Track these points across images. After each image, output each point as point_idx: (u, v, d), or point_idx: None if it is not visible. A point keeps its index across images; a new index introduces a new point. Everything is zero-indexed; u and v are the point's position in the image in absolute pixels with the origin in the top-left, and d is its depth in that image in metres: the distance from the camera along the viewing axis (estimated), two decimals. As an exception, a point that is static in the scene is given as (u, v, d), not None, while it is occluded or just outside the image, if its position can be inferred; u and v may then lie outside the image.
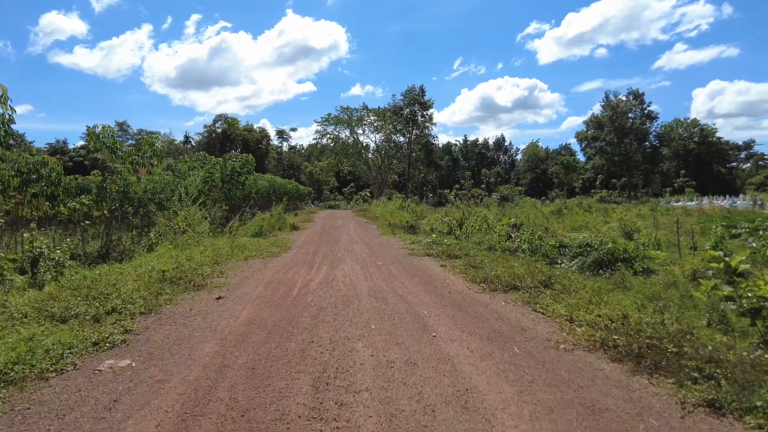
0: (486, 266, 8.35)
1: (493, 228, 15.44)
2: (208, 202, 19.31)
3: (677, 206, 41.45)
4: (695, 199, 54.10)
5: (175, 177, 17.84)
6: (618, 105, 64.69)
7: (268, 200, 27.37)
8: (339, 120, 55.58)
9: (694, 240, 12.74)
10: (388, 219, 22.96)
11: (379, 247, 12.76)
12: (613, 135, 64.02)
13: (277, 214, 20.82)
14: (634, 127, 64.41)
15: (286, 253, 11.71)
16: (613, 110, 64.46)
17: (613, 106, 64.90)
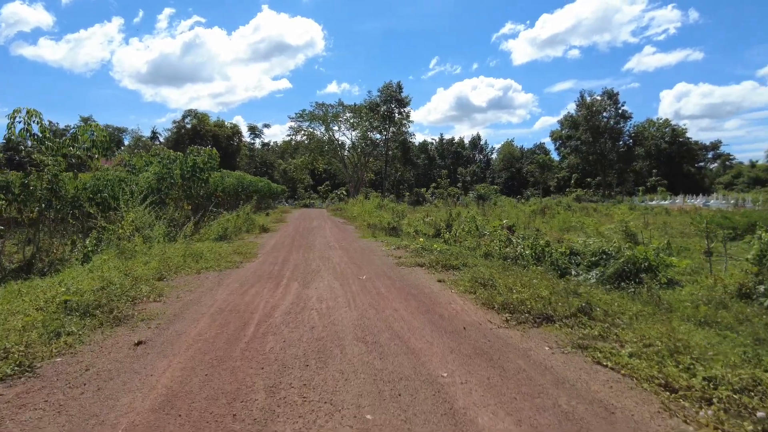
0: (498, 283, 6.54)
1: (483, 230, 13.75)
2: (169, 202, 17.14)
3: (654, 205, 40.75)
4: (668, 198, 53.90)
5: (129, 174, 15.62)
6: (593, 104, 64.21)
7: (236, 199, 25.11)
8: (314, 116, 53.31)
9: (710, 245, 11.25)
10: (367, 219, 21.05)
11: (360, 255, 10.85)
12: (588, 134, 63.51)
13: (244, 214, 18.67)
14: (609, 127, 64.05)
15: (249, 263, 9.68)
16: (588, 109, 63.95)
17: (588, 106, 64.39)
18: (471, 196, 50.97)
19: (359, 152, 55.75)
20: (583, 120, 64.23)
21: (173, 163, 16.36)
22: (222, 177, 23.18)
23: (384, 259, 9.97)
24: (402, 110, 52.71)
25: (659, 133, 68.62)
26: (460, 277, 7.58)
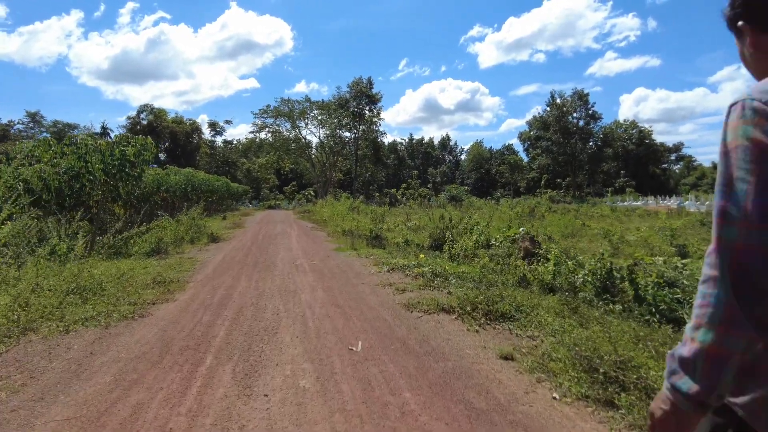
0: (628, 377, 3.15)
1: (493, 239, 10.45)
2: (92, 205, 13.17)
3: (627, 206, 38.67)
4: (639, 200, 52.44)
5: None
6: (563, 105, 62.49)
7: (186, 200, 21.05)
8: (279, 112, 49.05)
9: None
10: (341, 224, 17.47)
11: (342, 284, 7.26)
12: (559, 135, 61.72)
13: (189, 219, 14.76)
14: (579, 127, 62.49)
15: (167, 305, 5.98)
16: (559, 110, 62.19)
17: (559, 106, 62.66)
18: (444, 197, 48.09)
19: (327, 151, 51.87)
20: (554, 120, 62.43)
21: (90, 155, 12.36)
22: (167, 174, 19.13)
23: (380, 294, 6.44)
24: (373, 107, 49.17)
25: (626, 135, 67.68)
26: (534, 346, 4.13)
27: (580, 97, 62.65)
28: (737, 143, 0.92)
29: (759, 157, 0.88)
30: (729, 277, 0.87)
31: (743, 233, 0.87)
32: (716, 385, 0.89)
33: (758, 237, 0.85)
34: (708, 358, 0.89)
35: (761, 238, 0.85)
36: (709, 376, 0.89)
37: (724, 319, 0.87)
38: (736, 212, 0.89)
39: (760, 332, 0.86)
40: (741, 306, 0.86)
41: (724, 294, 0.88)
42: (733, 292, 0.86)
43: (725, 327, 0.87)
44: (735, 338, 0.87)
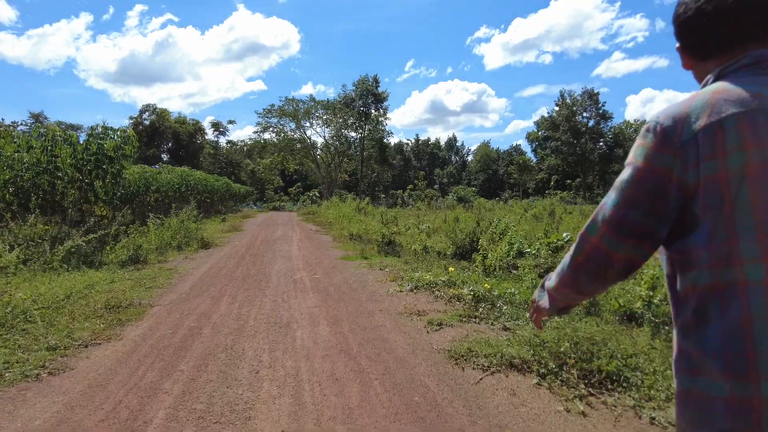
0: None
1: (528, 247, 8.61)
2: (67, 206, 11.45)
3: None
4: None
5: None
6: (573, 104, 60.40)
7: (183, 202, 19.23)
8: (284, 112, 47.20)
9: None
10: (347, 227, 15.60)
11: (355, 314, 5.32)
12: (569, 135, 59.62)
13: (178, 223, 12.94)
14: (589, 127, 60.38)
15: (106, 346, 4.12)
16: (569, 109, 60.11)
17: (569, 106, 60.57)
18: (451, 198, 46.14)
19: (333, 151, 50.00)
20: (564, 120, 60.34)
21: (63, 149, 10.57)
22: (159, 172, 17.35)
23: (409, 331, 4.52)
24: (379, 106, 47.27)
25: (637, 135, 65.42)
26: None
27: (590, 96, 60.47)
28: (632, 160, 1.02)
29: (637, 178, 0.99)
30: (576, 257, 1.10)
31: (600, 233, 1.03)
32: (552, 310, 1.28)
33: (608, 240, 1.02)
34: (549, 294, 1.27)
35: (610, 242, 1.02)
36: (550, 305, 1.28)
37: (560, 280, 1.18)
38: (604, 215, 1.03)
39: (579, 295, 1.19)
40: (574, 276, 1.12)
41: (567, 266, 1.14)
42: (574, 269, 1.12)
43: (560, 285, 1.19)
44: (562, 292, 1.21)
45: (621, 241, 1.00)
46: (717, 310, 0.90)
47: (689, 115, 0.95)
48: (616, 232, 1.00)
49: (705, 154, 0.91)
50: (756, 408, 0.85)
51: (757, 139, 0.88)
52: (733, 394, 0.88)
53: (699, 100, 0.96)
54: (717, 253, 0.90)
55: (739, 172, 0.88)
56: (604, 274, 1.06)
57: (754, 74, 0.97)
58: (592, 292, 1.16)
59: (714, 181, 0.90)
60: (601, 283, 1.10)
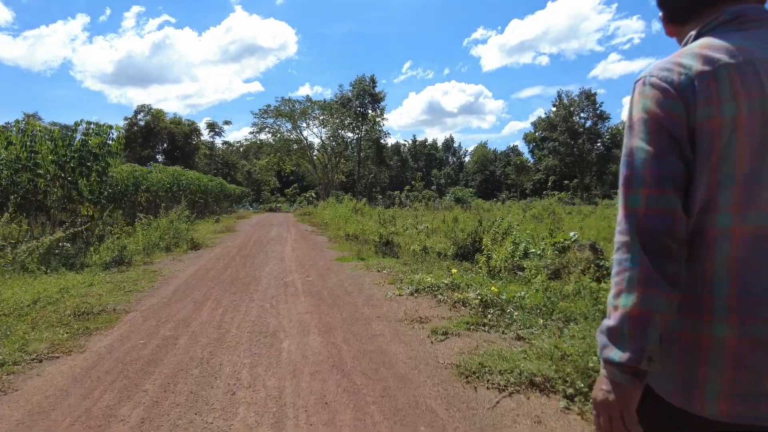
0: None
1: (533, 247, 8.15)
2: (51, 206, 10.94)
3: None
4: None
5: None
6: (571, 104, 60.06)
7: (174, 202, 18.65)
8: (280, 112, 46.59)
9: None
10: (343, 227, 15.07)
11: (349, 321, 4.80)
12: (567, 135, 59.26)
13: (166, 223, 12.38)
14: (587, 127, 60.05)
15: (65, 360, 3.59)
16: (567, 110, 59.78)
17: (566, 106, 60.24)
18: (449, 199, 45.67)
19: (329, 152, 49.43)
20: (561, 120, 59.98)
21: (43, 145, 10.02)
22: (149, 172, 16.78)
23: (410, 342, 3.99)
24: (376, 106, 46.74)
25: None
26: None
27: (587, 97, 60.09)
28: (638, 116, 0.95)
29: (654, 128, 0.93)
30: (638, 240, 0.90)
31: (644, 199, 0.91)
32: (645, 347, 0.87)
33: (656, 201, 0.90)
34: (632, 320, 0.88)
35: (659, 202, 0.90)
36: (637, 338, 0.87)
37: (641, 280, 0.88)
38: (637, 180, 0.92)
39: (674, 290, 0.88)
40: (654, 266, 0.88)
41: (638, 256, 0.89)
42: (646, 256, 0.88)
43: (643, 287, 0.88)
44: (654, 297, 0.87)
45: (668, 195, 0.91)
46: (688, 254, 0.91)
47: (682, 64, 0.94)
48: (660, 186, 0.91)
49: (701, 100, 0.90)
50: (704, 345, 0.89)
51: (746, 91, 0.89)
52: (685, 331, 0.91)
53: (688, 53, 0.96)
54: (698, 200, 0.91)
55: (731, 122, 0.88)
56: (678, 241, 0.90)
57: (734, 29, 0.98)
58: (679, 277, 0.90)
59: (708, 128, 0.90)
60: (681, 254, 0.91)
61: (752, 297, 0.87)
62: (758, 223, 0.88)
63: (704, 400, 0.89)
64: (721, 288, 0.88)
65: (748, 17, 0.98)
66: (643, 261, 0.88)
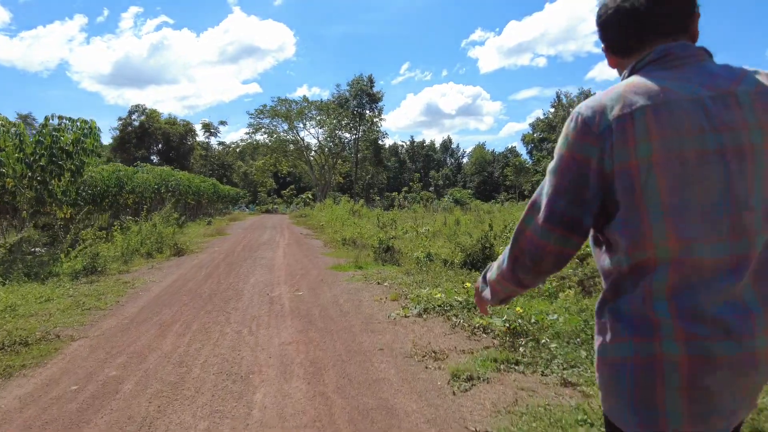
0: None
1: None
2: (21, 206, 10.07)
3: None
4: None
5: None
6: (570, 105, 59.33)
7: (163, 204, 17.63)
8: (276, 112, 45.60)
9: None
10: (340, 231, 14.10)
11: (345, 357, 3.82)
12: (566, 136, 58.55)
13: (149, 227, 11.38)
14: (586, 128, 59.36)
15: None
16: (566, 110, 59.05)
17: (565, 107, 59.52)
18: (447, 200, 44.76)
19: (326, 153, 48.41)
20: (560, 121, 59.22)
21: (8, 141, 9.01)
22: (134, 172, 15.77)
23: (425, 392, 2.98)
24: (374, 106, 45.78)
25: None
26: None
27: (586, 97, 59.33)
28: (558, 151, 1.03)
29: (563, 168, 1.00)
30: (513, 250, 1.10)
31: (534, 226, 1.04)
32: (494, 300, 1.26)
33: (542, 233, 1.02)
34: (491, 286, 1.24)
35: (543, 235, 1.02)
36: (491, 296, 1.25)
37: (500, 273, 1.17)
38: (536, 208, 1.05)
39: (519, 287, 1.16)
40: (512, 269, 1.11)
41: (506, 260, 1.13)
42: (512, 261, 1.11)
43: (500, 277, 1.18)
44: (502, 284, 1.18)
45: (551, 231, 1.02)
46: (630, 285, 0.97)
47: (605, 106, 0.98)
48: (547, 222, 1.02)
49: (618, 142, 0.94)
50: (658, 363, 0.93)
51: (660, 130, 0.93)
52: (638, 354, 0.95)
53: (614, 92, 1.00)
54: (632, 237, 0.95)
55: (647, 161, 0.92)
56: (539, 266, 1.07)
57: (660, 68, 1.02)
58: (530, 284, 1.15)
59: (626, 168, 0.94)
60: (537, 274, 1.10)
61: (690, 318, 0.91)
62: (692, 254, 0.91)
63: (668, 426, 0.92)
64: (664, 310, 0.93)
65: (674, 56, 1.02)
66: (507, 264, 1.13)
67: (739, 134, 0.92)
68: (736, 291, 0.91)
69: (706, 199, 0.91)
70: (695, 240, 0.91)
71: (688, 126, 0.92)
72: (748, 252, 0.91)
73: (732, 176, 0.91)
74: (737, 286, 0.91)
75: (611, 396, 0.99)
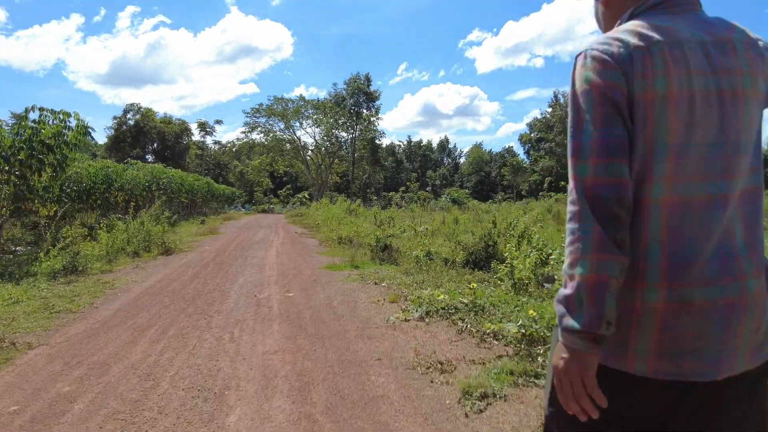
0: None
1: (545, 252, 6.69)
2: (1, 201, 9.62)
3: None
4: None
5: None
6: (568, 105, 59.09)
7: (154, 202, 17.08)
8: (272, 111, 45.03)
9: None
10: (336, 230, 13.60)
11: (337, 370, 3.30)
12: (564, 136, 58.24)
13: (137, 225, 10.85)
14: (584, 128, 59.08)
15: None
16: (563, 110, 58.77)
17: (563, 106, 59.23)
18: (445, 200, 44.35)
19: (323, 153, 47.88)
20: (558, 121, 58.93)
21: (-16, 133, 8.49)
22: (124, 168, 15.23)
23: (433, 413, 2.56)
24: (371, 105, 45.27)
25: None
26: None
27: (584, 97, 59.11)
28: (581, 88, 0.97)
29: (598, 98, 0.94)
30: (589, 208, 0.90)
31: (592, 168, 0.92)
32: (603, 313, 0.87)
33: (604, 169, 0.91)
34: (589, 287, 0.88)
35: (607, 170, 0.91)
36: (595, 305, 0.87)
37: (594, 246, 0.88)
38: (585, 150, 0.93)
39: (623, 255, 0.89)
40: (606, 232, 0.88)
41: (590, 224, 0.89)
42: (599, 223, 0.89)
43: (598, 254, 0.87)
44: (609, 262, 0.87)
45: (615, 162, 0.92)
46: None
47: (620, 39, 0.97)
48: (606, 155, 0.92)
49: (638, 73, 0.93)
50: (636, 311, 0.92)
51: (675, 66, 0.93)
52: (622, 299, 0.90)
53: (624, 30, 1.00)
54: (635, 171, 0.93)
55: (663, 95, 0.92)
56: (626, 207, 0.91)
57: (662, 13, 1.03)
58: (626, 243, 0.90)
59: (643, 100, 0.93)
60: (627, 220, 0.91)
61: (680, 262, 0.90)
62: (686, 192, 0.91)
63: (635, 359, 0.93)
64: (654, 254, 0.91)
65: (675, 2, 1.04)
66: (595, 228, 0.88)
67: (735, 79, 0.95)
68: (730, 233, 0.92)
69: (704, 138, 0.92)
70: (690, 178, 0.92)
71: (696, 66, 0.93)
72: (739, 191, 0.94)
73: (727, 118, 0.93)
74: (729, 228, 0.92)
75: None
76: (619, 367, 0.93)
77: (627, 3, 1.09)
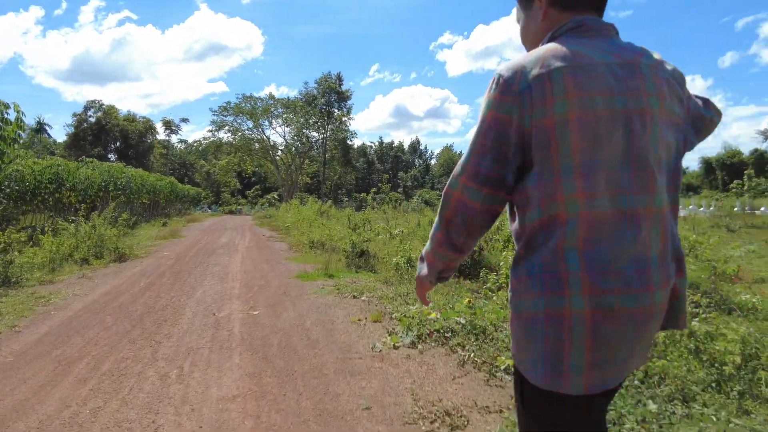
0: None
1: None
2: None
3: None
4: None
5: None
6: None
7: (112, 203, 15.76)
8: (240, 109, 43.53)
9: None
10: (307, 233, 12.76)
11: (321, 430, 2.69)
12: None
13: (87, 229, 9.75)
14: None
15: None
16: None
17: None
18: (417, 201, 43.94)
19: (293, 153, 46.65)
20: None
21: None
22: (77, 167, 13.95)
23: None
24: (342, 105, 44.36)
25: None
26: None
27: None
28: (481, 114, 1.06)
29: (485, 131, 1.04)
30: (444, 213, 1.11)
31: (461, 186, 1.07)
32: (432, 275, 1.22)
33: (468, 192, 1.06)
34: (427, 259, 1.22)
35: (470, 193, 1.05)
36: (429, 270, 1.22)
37: (436, 241, 1.15)
38: (462, 169, 1.07)
39: (455, 252, 1.15)
40: (446, 233, 1.12)
41: (438, 224, 1.14)
42: (444, 225, 1.12)
43: (436, 245, 1.16)
44: (440, 253, 1.17)
45: (479, 190, 1.05)
46: (542, 239, 0.99)
47: (525, 66, 1.02)
48: (474, 181, 1.05)
49: (536, 100, 0.98)
50: (566, 317, 0.95)
51: (576, 89, 0.97)
52: (548, 308, 0.97)
53: (533, 55, 1.04)
54: (545, 191, 0.99)
55: (563, 119, 0.97)
56: (471, 226, 1.09)
57: (576, 37, 1.08)
58: (464, 247, 1.15)
59: (543, 125, 0.98)
60: (469, 234, 1.11)
61: (597, 271, 0.94)
62: (599, 207, 0.96)
63: (569, 377, 0.95)
64: (573, 263, 0.95)
65: (588, 27, 1.09)
66: (441, 230, 1.13)
67: (641, 99, 1.00)
68: (642, 246, 0.96)
69: (611, 156, 0.97)
70: (600, 194, 0.96)
71: (601, 87, 0.98)
72: (649, 207, 0.98)
73: (634, 136, 0.98)
74: (641, 241, 0.96)
75: (522, 350, 1.02)
76: (554, 389, 0.96)
77: (561, 16, 1.12)
